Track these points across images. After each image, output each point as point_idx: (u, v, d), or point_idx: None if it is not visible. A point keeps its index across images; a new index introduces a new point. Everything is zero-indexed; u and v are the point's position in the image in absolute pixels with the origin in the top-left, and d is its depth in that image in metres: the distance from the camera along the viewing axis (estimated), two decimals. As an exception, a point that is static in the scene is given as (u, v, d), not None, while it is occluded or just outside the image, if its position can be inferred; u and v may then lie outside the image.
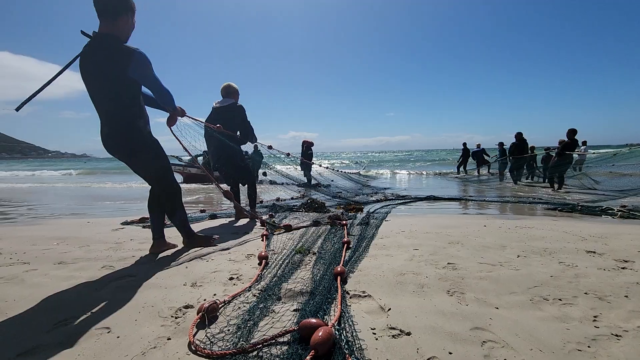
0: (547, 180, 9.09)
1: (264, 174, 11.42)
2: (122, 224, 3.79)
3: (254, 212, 4.01)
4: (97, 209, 5.86)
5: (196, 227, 3.50)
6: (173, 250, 2.56)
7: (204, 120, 3.71)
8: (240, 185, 4.20)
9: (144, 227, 3.62)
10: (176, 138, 2.92)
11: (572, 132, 7.91)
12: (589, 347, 1.19)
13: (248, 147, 4.54)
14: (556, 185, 7.85)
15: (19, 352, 1.19)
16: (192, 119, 3.17)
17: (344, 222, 3.29)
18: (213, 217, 4.16)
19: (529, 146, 10.77)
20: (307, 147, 11.11)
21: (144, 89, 2.33)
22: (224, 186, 3.96)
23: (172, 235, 2.79)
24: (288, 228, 3.17)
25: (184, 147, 3.04)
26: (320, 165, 9.77)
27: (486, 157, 14.11)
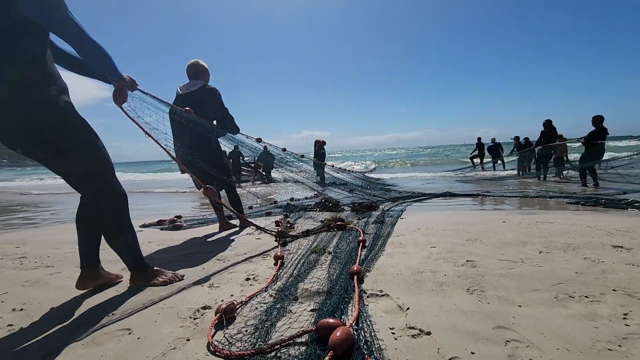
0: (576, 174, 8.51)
1: (268, 178, 11.40)
2: (141, 226, 3.86)
3: (243, 216, 3.36)
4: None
5: (210, 229, 3.54)
6: (192, 250, 2.60)
7: (166, 101, 2.75)
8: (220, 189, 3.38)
9: (161, 229, 3.69)
10: (131, 119, 2.12)
11: (598, 120, 7.00)
12: (619, 346, 1.13)
13: (251, 147, 4.06)
14: (589, 181, 7.05)
15: (45, 352, 1.22)
16: (149, 95, 2.36)
17: (346, 223, 3.12)
18: (229, 218, 4.19)
19: (558, 135, 9.64)
20: (319, 146, 11.14)
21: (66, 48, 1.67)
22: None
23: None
24: (282, 234, 2.80)
25: (146, 132, 2.26)
26: (327, 164, 9.70)
27: (501, 153, 13.70)
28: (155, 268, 1.93)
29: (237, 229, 3.49)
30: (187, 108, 2.87)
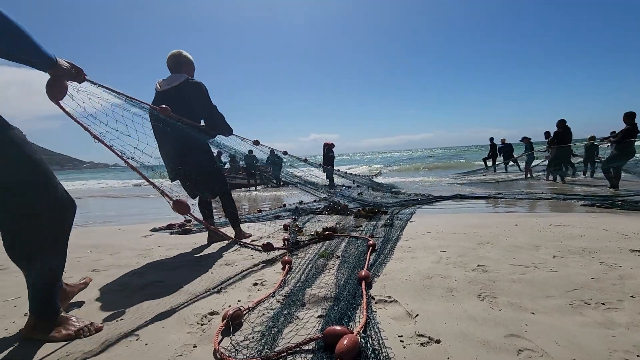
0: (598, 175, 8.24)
1: (277, 182, 11.34)
2: (151, 230, 3.90)
3: (239, 230, 3.10)
4: (127, 217, 6.09)
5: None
6: (201, 254, 2.61)
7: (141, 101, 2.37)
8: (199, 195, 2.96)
9: (171, 233, 3.72)
10: (74, 120, 1.70)
11: (630, 116, 6.39)
12: (638, 356, 1.09)
13: (258, 153, 3.73)
14: (613, 182, 6.55)
15: (54, 358, 1.23)
16: (105, 88, 1.94)
17: (335, 233, 2.95)
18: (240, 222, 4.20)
19: (590, 136, 9.38)
20: (328, 149, 11.20)
21: None
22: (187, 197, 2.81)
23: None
24: (268, 247, 2.51)
25: (94, 136, 1.76)
26: (335, 169, 9.55)
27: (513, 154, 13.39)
28: (63, 315, 1.41)
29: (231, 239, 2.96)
30: (164, 106, 2.44)
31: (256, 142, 3.77)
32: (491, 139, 14.29)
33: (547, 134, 11.20)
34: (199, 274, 2.14)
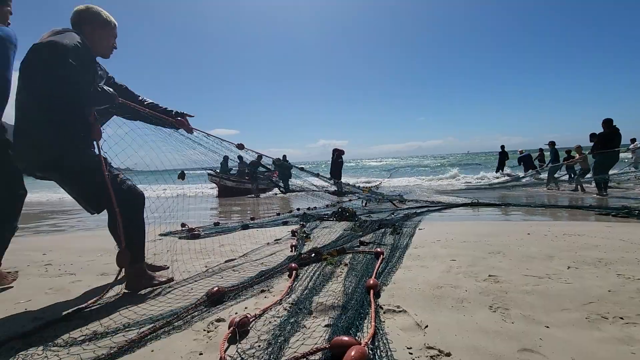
0: None
1: (285, 189, 10.86)
2: (160, 235, 3.93)
3: (139, 268, 2.01)
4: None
5: (227, 239, 3.55)
6: (209, 260, 2.61)
7: None
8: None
9: (179, 238, 3.74)
10: None
11: None
12: (660, 375, 1.04)
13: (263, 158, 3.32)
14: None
15: (61, 363, 1.23)
16: None
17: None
18: (245, 227, 4.22)
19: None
20: (337, 155, 11.17)
21: None
22: None
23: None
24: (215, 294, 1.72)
25: None
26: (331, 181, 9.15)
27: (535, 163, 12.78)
28: None
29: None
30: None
31: (179, 123, 2.45)
32: (502, 147, 13.96)
33: (552, 143, 10.84)
34: (207, 280, 2.14)
